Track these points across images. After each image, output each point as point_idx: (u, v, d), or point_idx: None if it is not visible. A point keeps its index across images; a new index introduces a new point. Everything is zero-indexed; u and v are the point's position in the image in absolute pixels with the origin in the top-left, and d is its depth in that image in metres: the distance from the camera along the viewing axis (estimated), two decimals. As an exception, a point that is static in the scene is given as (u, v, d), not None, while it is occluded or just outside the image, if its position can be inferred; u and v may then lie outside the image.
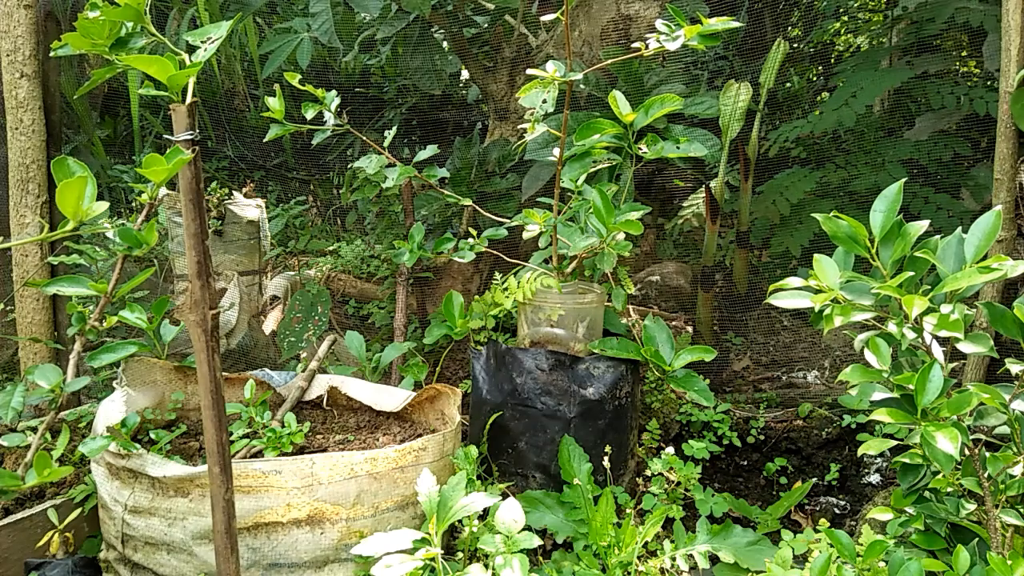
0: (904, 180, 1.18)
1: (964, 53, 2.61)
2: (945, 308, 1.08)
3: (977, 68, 2.59)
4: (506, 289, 1.65)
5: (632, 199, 2.04)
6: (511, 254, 1.83)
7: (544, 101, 1.49)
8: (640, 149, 1.58)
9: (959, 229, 1.15)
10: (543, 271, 1.65)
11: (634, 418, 1.69)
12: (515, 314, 1.73)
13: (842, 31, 3.19)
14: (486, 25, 2.58)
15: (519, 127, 1.61)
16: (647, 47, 1.44)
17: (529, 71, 1.50)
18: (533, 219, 1.61)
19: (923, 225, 1.14)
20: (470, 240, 1.69)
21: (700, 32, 1.39)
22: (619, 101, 1.54)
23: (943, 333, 1.07)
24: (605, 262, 1.52)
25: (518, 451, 1.60)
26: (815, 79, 3.03)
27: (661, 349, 1.60)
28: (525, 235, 1.65)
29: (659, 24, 1.42)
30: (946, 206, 2.22)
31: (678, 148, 1.58)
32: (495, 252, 1.75)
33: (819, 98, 2.89)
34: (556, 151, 1.59)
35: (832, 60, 3.04)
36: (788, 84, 2.87)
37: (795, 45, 2.90)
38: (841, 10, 2.98)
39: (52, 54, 1.01)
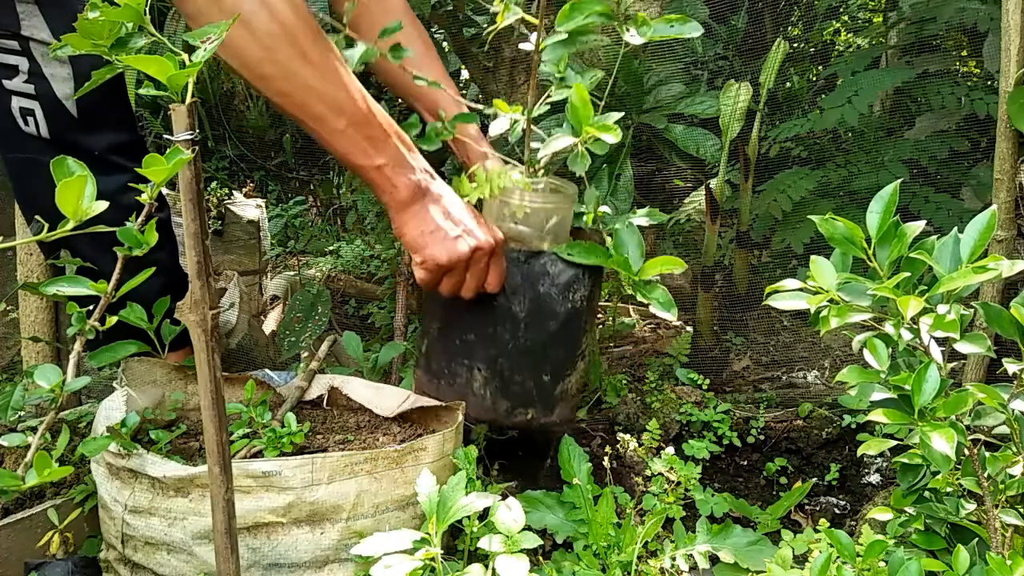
0: (900, 181, 1.17)
1: (964, 53, 2.61)
2: (941, 308, 1.08)
3: (977, 68, 2.59)
4: (473, 181, 1.55)
5: (632, 198, 2.04)
6: None
7: None
8: (628, 32, 1.43)
9: (955, 229, 1.15)
10: (512, 163, 1.57)
11: (589, 322, 1.64)
12: (480, 208, 1.61)
13: (842, 32, 3.19)
14: (486, 25, 2.58)
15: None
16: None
17: None
18: (502, 109, 1.49)
19: (919, 225, 1.14)
20: None
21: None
22: None
23: (939, 333, 1.07)
24: (578, 164, 1.44)
25: (467, 343, 1.57)
26: (815, 79, 3.03)
27: (630, 257, 1.51)
28: (491, 131, 1.54)
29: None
30: (946, 205, 2.21)
31: (671, 28, 1.44)
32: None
33: (819, 98, 2.89)
34: (533, 39, 1.45)
35: (832, 60, 3.04)
36: (788, 84, 2.87)
37: (795, 45, 2.90)
38: (841, 10, 2.97)
39: (51, 55, 1.01)
